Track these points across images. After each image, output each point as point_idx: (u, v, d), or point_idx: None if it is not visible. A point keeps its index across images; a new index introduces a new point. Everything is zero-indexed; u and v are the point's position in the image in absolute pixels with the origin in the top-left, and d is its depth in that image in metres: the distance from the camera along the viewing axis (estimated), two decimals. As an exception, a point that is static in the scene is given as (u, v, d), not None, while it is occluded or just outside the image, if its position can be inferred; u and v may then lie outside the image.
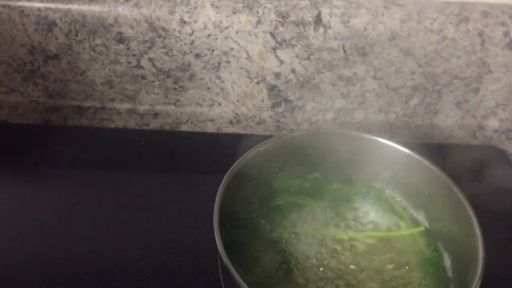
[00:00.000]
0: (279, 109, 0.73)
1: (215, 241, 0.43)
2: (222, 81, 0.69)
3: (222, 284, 0.48)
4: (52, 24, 0.64)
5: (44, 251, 0.54)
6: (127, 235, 0.55)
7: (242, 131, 0.71)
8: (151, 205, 0.59)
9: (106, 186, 0.61)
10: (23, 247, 0.54)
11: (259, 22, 0.63)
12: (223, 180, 0.47)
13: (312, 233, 0.52)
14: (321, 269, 0.50)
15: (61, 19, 0.63)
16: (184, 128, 0.71)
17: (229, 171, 0.48)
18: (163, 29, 0.64)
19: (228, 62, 0.67)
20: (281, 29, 0.64)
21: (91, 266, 0.52)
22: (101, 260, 0.53)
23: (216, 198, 0.45)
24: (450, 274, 0.49)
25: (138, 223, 0.57)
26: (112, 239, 0.55)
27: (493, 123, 0.74)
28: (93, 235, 0.55)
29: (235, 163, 0.49)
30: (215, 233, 0.43)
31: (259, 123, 0.72)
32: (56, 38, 0.65)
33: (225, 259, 0.41)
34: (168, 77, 0.69)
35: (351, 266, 0.50)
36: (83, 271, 0.52)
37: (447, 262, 0.50)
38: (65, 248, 0.54)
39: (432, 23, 0.63)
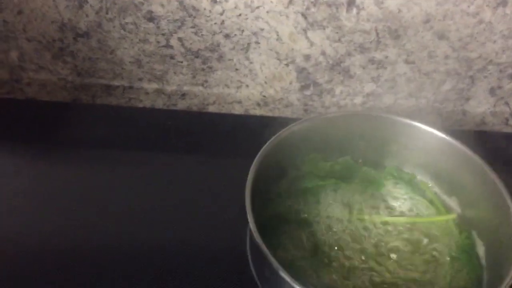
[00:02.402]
0: (307, 92, 0.72)
1: (243, 221, 0.42)
2: (251, 62, 0.69)
3: (251, 263, 0.47)
4: (83, 1, 0.63)
5: (72, 227, 0.54)
6: (153, 214, 0.55)
7: (270, 114, 0.70)
8: (177, 185, 0.59)
9: (132, 165, 0.62)
10: (51, 223, 0.54)
11: (290, 2, 0.62)
12: (255, 160, 0.47)
13: (341, 216, 0.52)
14: (350, 252, 0.49)
15: (92, -4, 0.63)
16: (211, 109, 0.70)
17: (260, 151, 0.48)
18: (194, 8, 0.63)
19: (257, 43, 0.66)
20: (313, 9, 0.63)
21: (118, 242, 0.53)
22: (126, 236, 0.53)
23: (248, 177, 0.45)
24: (483, 262, 0.48)
25: (164, 202, 0.57)
26: (137, 217, 0.55)
27: (527, 111, 0.72)
28: (118, 213, 0.56)
29: (267, 143, 0.48)
30: (247, 211, 0.42)
31: (286, 106, 0.71)
32: (87, 16, 0.65)
33: (258, 238, 0.40)
34: (197, 57, 0.68)
35: (381, 251, 0.49)
36: (111, 247, 0.52)
37: (481, 250, 0.49)
38: (92, 225, 0.54)
39: (469, 6, 0.61)
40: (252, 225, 0.41)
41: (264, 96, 0.72)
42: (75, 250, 0.52)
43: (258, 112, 0.70)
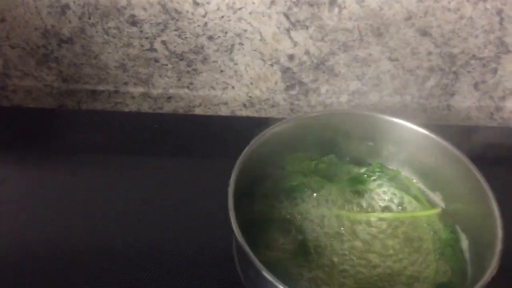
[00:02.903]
0: (293, 92, 0.72)
1: (229, 222, 0.42)
2: (236, 64, 0.69)
3: (237, 264, 0.48)
4: (65, 7, 0.63)
5: (59, 234, 0.54)
6: (140, 218, 0.56)
7: (256, 114, 0.71)
8: (165, 188, 0.59)
9: (120, 169, 0.62)
10: (38, 229, 0.54)
11: (272, 2, 0.62)
12: (238, 160, 0.47)
13: (327, 214, 0.52)
14: (336, 249, 0.49)
15: (74, 2, 0.63)
16: (198, 111, 0.70)
17: (244, 151, 0.48)
18: (176, 11, 0.63)
19: (241, 44, 0.67)
20: (295, 9, 0.63)
21: (105, 247, 0.53)
22: (114, 240, 0.54)
23: (231, 177, 0.45)
24: (467, 256, 0.49)
25: (151, 205, 0.57)
26: (124, 221, 0.55)
27: (511, 104, 0.72)
28: (106, 218, 0.56)
29: (250, 143, 0.49)
30: (229, 213, 0.42)
31: (272, 106, 0.72)
32: (69, 22, 0.65)
33: (240, 238, 0.41)
34: (181, 60, 0.69)
35: (367, 247, 0.50)
36: (98, 252, 0.52)
37: (465, 243, 0.49)
38: (80, 231, 0.54)
39: (449, 2, 0.62)
40: (234, 224, 0.41)
41: (250, 97, 0.72)
42: (66, 254, 0.52)
43: (244, 113, 0.71)
